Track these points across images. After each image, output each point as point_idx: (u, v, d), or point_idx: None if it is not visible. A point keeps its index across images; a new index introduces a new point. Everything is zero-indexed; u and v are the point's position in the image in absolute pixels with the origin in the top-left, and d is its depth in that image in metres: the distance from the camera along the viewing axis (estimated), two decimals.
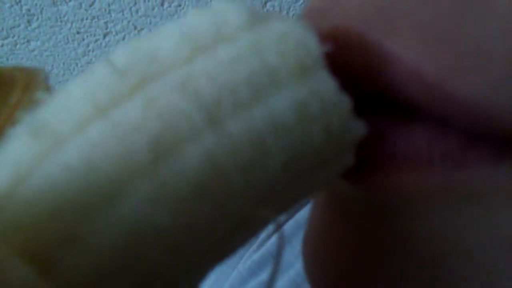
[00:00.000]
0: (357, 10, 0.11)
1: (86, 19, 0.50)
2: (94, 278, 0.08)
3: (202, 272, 0.10)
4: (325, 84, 0.09)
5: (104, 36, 0.51)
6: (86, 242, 0.08)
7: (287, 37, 0.09)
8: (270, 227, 0.34)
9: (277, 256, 0.11)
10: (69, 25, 0.50)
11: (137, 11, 0.49)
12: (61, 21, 0.50)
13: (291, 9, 0.51)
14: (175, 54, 0.09)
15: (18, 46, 0.50)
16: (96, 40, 0.51)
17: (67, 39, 0.50)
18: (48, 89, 0.11)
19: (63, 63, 0.52)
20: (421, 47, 0.10)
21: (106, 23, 0.50)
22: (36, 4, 0.48)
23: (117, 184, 0.08)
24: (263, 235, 0.34)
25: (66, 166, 0.08)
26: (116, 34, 0.51)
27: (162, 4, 0.49)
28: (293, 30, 0.09)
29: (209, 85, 0.09)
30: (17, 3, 0.48)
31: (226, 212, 0.09)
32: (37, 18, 0.49)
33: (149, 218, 0.08)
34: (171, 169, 0.08)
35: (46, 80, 0.11)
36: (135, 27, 0.50)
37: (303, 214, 0.34)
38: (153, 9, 0.50)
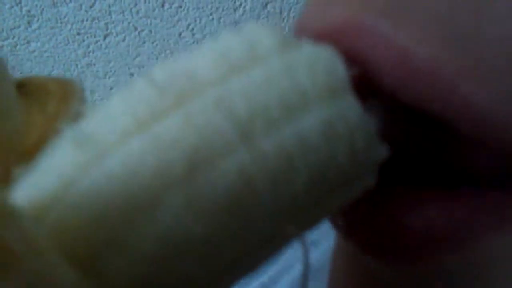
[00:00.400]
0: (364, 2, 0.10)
1: (87, 20, 0.50)
2: (133, 281, 0.09)
3: (227, 286, 0.11)
4: (352, 107, 0.10)
5: (105, 37, 0.51)
6: (128, 246, 0.09)
7: (317, 60, 0.10)
8: None
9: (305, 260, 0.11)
10: (69, 26, 0.50)
11: (137, 12, 0.49)
12: (61, 22, 0.49)
13: (291, 10, 0.51)
14: (212, 73, 0.09)
15: (18, 47, 0.50)
16: (97, 41, 0.51)
17: (67, 40, 0.50)
18: (84, 100, 0.11)
19: (63, 64, 0.52)
20: (438, 43, 0.09)
21: (106, 24, 0.50)
22: (36, 5, 0.48)
23: (155, 193, 0.09)
24: None
25: (109, 175, 0.09)
26: (117, 35, 0.50)
27: (162, 5, 0.49)
28: (322, 54, 0.10)
29: (243, 103, 0.09)
30: (17, 4, 0.48)
31: (254, 226, 0.09)
32: (37, 19, 0.49)
33: (183, 227, 0.09)
34: (206, 181, 0.09)
35: (81, 92, 0.12)
36: (136, 28, 0.50)
37: None
38: (154, 10, 0.49)
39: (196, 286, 0.09)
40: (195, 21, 0.50)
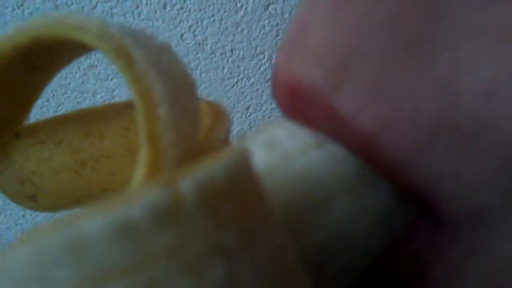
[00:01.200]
0: (316, 64, 0.12)
1: None
2: (315, 249, 0.11)
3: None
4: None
5: None
6: (302, 232, 0.11)
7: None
8: None
9: None
10: None
11: (139, 14, 0.50)
12: None
13: (293, 12, 0.51)
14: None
15: None
16: None
17: None
18: (230, 121, 0.13)
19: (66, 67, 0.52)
20: (362, 101, 0.11)
21: None
22: (38, 8, 0.48)
23: (330, 193, 0.11)
24: None
25: (294, 174, 0.11)
26: None
27: (164, 7, 0.49)
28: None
29: None
30: (18, 7, 0.48)
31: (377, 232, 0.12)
32: None
33: (345, 224, 0.11)
34: (367, 194, 0.11)
35: (227, 112, 0.14)
36: None
37: None
38: (155, 12, 0.50)
39: (343, 275, 0.12)
40: (197, 22, 0.50)
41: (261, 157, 0.12)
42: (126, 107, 0.15)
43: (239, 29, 0.51)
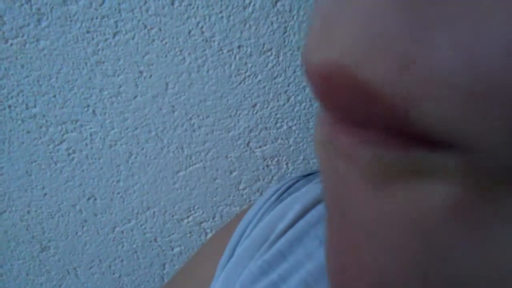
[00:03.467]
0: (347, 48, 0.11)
1: (96, 18, 0.50)
2: None
3: None
4: None
5: (114, 35, 0.51)
6: None
7: None
8: (281, 227, 0.33)
9: None
10: (78, 24, 0.50)
11: (147, 10, 0.49)
12: (70, 20, 0.49)
13: (301, 8, 0.50)
14: None
15: (27, 45, 0.50)
16: (106, 39, 0.51)
17: (77, 38, 0.50)
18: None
19: (73, 63, 0.52)
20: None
21: (116, 22, 0.50)
22: (46, 3, 0.48)
23: None
24: (273, 235, 0.34)
25: None
26: (126, 33, 0.50)
27: (172, 3, 0.49)
28: None
29: None
30: (27, 2, 0.48)
31: None
32: (47, 17, 0.49)
33: None
34: None
35: None
36: (145, 26, 0.50)
37: (314, 213, 0.33)
38: (163, 8, 0.49)
39: None
40: (205, 19, 0.50)
41: None
42: None
43: (247, 26, 0.51)
